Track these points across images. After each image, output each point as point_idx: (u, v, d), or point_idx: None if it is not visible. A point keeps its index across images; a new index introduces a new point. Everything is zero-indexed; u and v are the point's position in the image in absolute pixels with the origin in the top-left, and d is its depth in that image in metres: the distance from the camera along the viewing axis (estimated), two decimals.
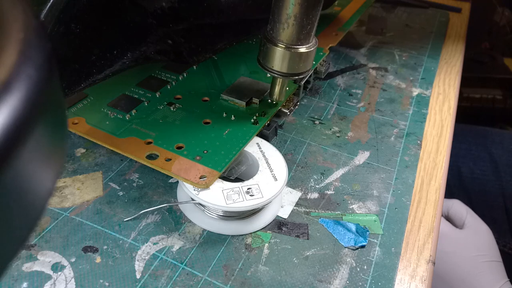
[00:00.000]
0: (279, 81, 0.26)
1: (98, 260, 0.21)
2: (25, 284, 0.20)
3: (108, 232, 0.22)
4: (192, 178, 0.22)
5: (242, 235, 0.23)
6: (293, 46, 0.23)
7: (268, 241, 0.23)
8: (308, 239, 0.23)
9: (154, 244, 0.22)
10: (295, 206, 0.25)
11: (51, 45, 0.09)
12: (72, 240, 0.22)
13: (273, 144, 0.26)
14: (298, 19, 0.22)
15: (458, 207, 0.41)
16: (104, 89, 0.28)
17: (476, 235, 0.39)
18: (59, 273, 0.20)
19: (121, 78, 0.27)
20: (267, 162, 0.24)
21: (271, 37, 0.23)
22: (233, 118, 0.27)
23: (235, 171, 0.25)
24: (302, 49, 0.23)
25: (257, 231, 0.23)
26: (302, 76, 0.25)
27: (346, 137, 0.30)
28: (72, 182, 0.25)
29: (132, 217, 0.23)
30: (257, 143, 0.25)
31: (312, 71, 0.32)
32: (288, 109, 0.29)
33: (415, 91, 0.36)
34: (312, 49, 0.24)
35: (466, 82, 0.59)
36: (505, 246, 0.46)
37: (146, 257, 0.21)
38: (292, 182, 0.26)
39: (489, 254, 0.37)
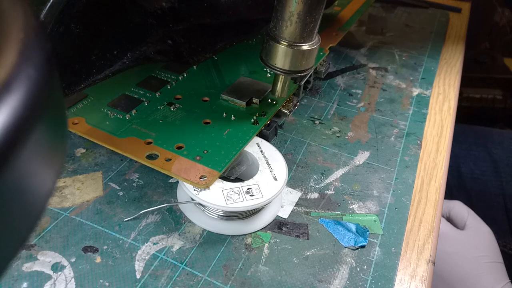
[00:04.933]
0: (281, 78, 0.26)
1: (98, 260, 0.21)
2: (25, 284, 0.20)
3: (108, 232, 0.22)
4: (192, 178, 0.22)
5: (242, 235, 0.23)
6: (296, 44, 0.23)
7: (268, 241, 0.23)
8: (308, 239, 0.23)
9: (154, 244, 0.22)
10: (295, 206, 0.25)
11: (51, 45, 0.09)
12: (72, 240, 0.22)
13: (273, 144, 0.26)
14: (301, 17, 0.22)
15: (460, 208, 0.41)
16: (104, 89, 0.28)
17: (478, 236, 0.39)
18: (59, 273, 0.20)
19: (121, 78, 0.27)
20: (267, 162, 0.24)
21: (274, 35, 0.23)
22: (233, 118, 0.27)
23: (235, 171, 0.25)
24: (305, 47, 0.23)
25: (257, 231, 0.23)
26: (304, 74, 0.25)
27: (346, 137, 0.30)
28: (72, 182, 0.25)
29: (132, 217, 0.23)
30: (257, 143, 0.25)
31: (312, 71, 0.32)
32: (288, 109, 0.29)
33: (415, 91, 0.36)
34: (315, 46, 0.24)
35: (466, 82, 0.59)
36: (505, 247, 0.46)
37: (146, 257, 0.21)
38: (292, 182, 0.26)
39: (490, 255, 0.37)
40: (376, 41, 0.45)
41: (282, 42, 0.23)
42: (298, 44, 0.23)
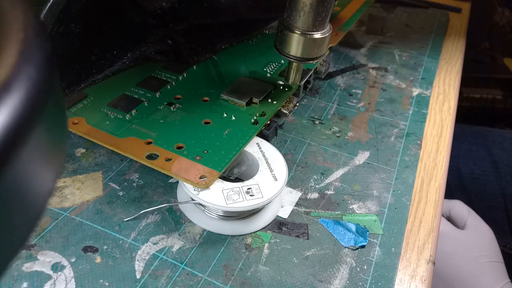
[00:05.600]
0: (295, 66, 0.28)
1: (98, 260, 0.21)
2: (25, 284, 0.20)
3: (108, 232, 0.22)
4: (192, 178, 0.22)
5: (242, 235, 0.23)
6: (308, 33, 0.24)
7: (268, 241, 0.23)
8: (308, 239, 0.23)
9: (154, 244, 0.22)
10: (295, 206, 0.25)
11: (51, 45, 0.09)
12: (72, 240, 0.22)
13: (273, 144, 0.26)
14: (313, 7, 0.23)
15: (460, 208, 0.41)
16: (104, 89, 0.28)
17: (478, 235, 0.39)
18: (59, 273, 0.20)
19: (121, 78, 0.27)
20: (267, 162, 0.24)
21: (288, 24, 0.24)
22: (233, 118, 0.27)
23: (235, 171, 0.25)
24: (317, 35, 0.24)
25: (257, 231, 0.23)
26: (317, 61, 0.26)
27: (346, 137, 0.30)
28: (72, 182, 0.25)
29: (132, 217, 0.23)
30: (257, 143, 0.25)
31: (312, 71, 0.32)
32: (288, 109, 0.29)
33: (415, 91, 0.36)
34: (327, 35, 0.25)
35: (466, 82, 0.59)
36: (505, 247, 0.46)
37: (146, 257, 0.21)
38: (292, 182, 0.26)
39: (490, 254, 0.37)
40: (376, 41, 0.45)
41: (296, 31, 0.24)
42: (310, 33, 0.24)
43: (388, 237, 0.23)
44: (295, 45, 0.25)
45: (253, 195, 0.22)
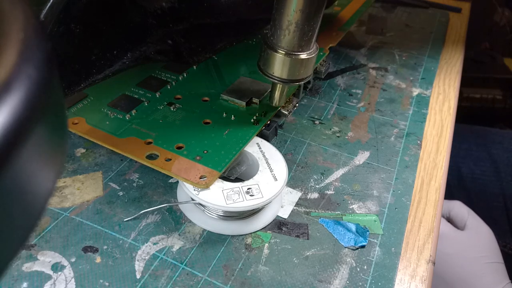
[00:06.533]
0: (279, 87, 0.26)
1: (98, 260, 0.21)
2: (25, 284, 0.20)
3: (108, 232, 0.22)
4: (192, 178, 0.22)
5: (242, 235, 0.23)
6: (294, 53, 0.23)
7: (268, 241, 0.23)
8: (308, 239, 0.23)
9: (154, 244, 0.22)
10: (295, 206, 0.25)
11: (51, 45, 0.09)
12: (72, 240, 0.22)
13: (273, 144, 0.26)
14: (299, 26, 0.21)
15: (460, 209, 0.41)
16: (104, 89, 0.28)
17: (478, 236, 0.39)
18: (59, 273, 0.20)
19: (121, 78, 0.27)
20: (267, 162, 0.24)
21: (271, 43, 0.23)
22: (233, 118, 0.27)
23: (235, 171, 0.25)
24: (303, 56, 0.23)
25: (257, 231, 0.23)
26: (302, 82, 0.25)
27: (346, 137, 0.30)
28: (72, 182, 0.25)
29: (132, 217, 0.23)
30: (257, 143, 0.25)
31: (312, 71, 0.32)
32: (288, 110, 0.29)
33: (415, 91, 0.36)
34: (313, 55, 0.23)
35: (466, 82, 0.59)
36: (505, 247, 0.46)
37: (146, 257, 0.21)
38: (292, 182, 0.26)
39: (490, 255, 0.37)
40: (376, 41, 0.45)
41: (280, 51, 0.23)
42: (296, 53, 0.23)
43: (388, 237, 0.23)
44: (279, 66, 0.23)
45: (253, 195, 0.22)
